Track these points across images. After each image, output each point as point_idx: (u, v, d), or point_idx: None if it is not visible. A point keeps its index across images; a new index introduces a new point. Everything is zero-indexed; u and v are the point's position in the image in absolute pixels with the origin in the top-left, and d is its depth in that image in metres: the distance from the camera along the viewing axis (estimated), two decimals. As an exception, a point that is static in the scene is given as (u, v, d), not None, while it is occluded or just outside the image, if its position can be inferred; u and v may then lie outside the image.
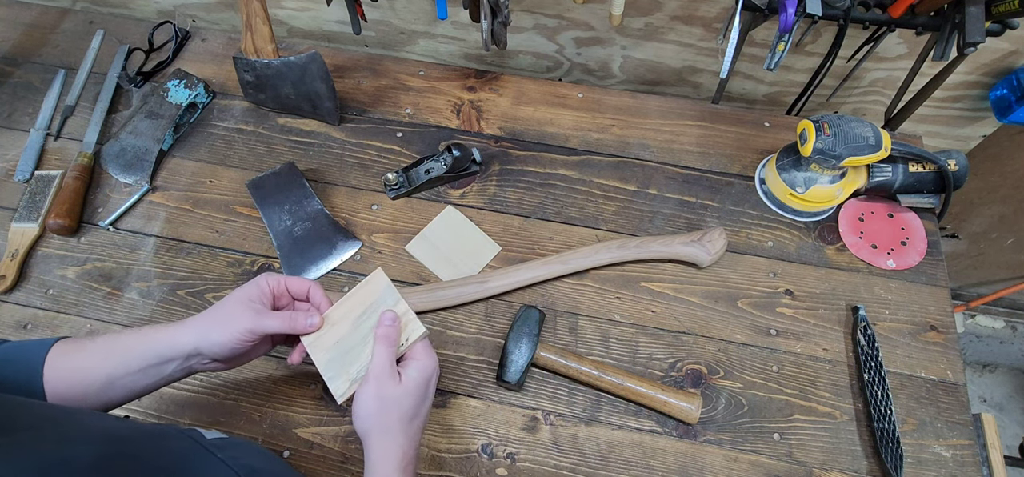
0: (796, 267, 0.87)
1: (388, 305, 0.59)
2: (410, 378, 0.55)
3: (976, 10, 0.79)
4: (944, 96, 1.05)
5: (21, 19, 1.13)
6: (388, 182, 0.91)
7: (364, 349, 0.58)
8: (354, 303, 0.60)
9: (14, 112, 1.01)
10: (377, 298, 0.60)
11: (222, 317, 0.57)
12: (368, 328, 0.58)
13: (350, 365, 0.57)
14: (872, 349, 0.78)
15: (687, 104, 1.03)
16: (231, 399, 0.76)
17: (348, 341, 0.58)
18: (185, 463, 0.46)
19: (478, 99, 1.03)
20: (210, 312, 0.58)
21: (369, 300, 0.60)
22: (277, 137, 0.99)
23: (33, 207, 0.89)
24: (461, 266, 0.85)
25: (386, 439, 0.53)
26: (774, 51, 0.86)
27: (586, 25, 1.06)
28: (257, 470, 0.50)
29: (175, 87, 0.98)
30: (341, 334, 0.58)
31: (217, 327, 0.56)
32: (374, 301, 0.60)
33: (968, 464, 0.74)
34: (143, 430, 0.50)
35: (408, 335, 0.58)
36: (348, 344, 0.58)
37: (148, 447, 0.45)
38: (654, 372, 0.79)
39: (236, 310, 0.57)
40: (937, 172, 0.86)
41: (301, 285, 0.61)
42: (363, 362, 0.57)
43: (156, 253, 0.87)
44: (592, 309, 0.83)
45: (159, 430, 0.51)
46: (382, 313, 0.58)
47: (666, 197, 0.93)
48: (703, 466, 0.73)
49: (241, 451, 0.52)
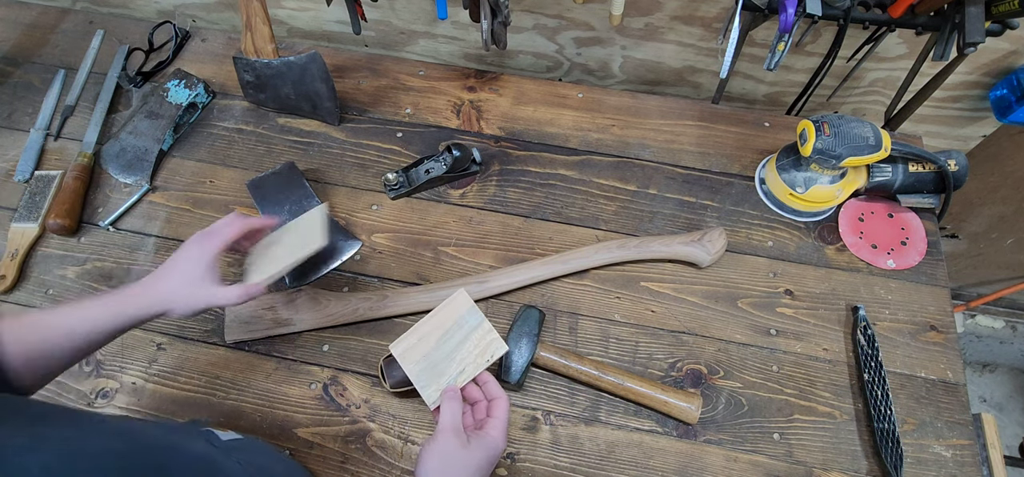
0: (796, 267, 0.87)
1: (471, 325, 0.64)
2: (479, 447, 0.56)
3: (976, 10, 0.79)
4: (944, 96, 1.05)
5: (21, 19, 1.13)
6: (388, 182, 0.91)
7: (450, 364, 0.62)
8: (439, 321, 0.65)
9: (14, 112, 1.01)
10: (460, 317, 0.65)
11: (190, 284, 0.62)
12: (453, 345, 0.63)
13: (439, 377, 0.62)
14: (872, 349, 0.78)
15: (687, 104, 1.03)
16: (231, 399, 0.76)
17: (434, 356, 0.63)
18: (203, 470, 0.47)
19: (478, 99, 1.03)
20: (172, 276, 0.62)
21: (452, 320, 0.64)
22: (277, 137, 0.99)
23: (33, 207, 0.89)
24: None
25: None
26: (774, 51, 0.86)
27: (586, 25, 1.06)
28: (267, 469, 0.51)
29: (175, 87, 0.98)
30: (428, 349, 0.63)
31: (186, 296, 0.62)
32: (457, 320, 0.64)
33: (968, 464, 0.74)
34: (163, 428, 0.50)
35: (492, 353, 0.63)
36: (435, 359, 0.63)
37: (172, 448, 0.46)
38: (654, 372, 0.79)
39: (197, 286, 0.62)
40: (937, 172, 0.86)
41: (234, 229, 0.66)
42: (450, 375, 0.62)
43: (156, 253, 0.87)
44: (592, 309, 0.83)
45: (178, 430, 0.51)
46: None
47: (666, 197, 0.93)
48: (703, 466, 0.73)
49: (254, 453, 0.52)
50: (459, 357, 0.62)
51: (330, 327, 0.81)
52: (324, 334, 0.81)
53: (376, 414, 0.76)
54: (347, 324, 0.81)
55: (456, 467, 0.55)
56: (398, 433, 0.75)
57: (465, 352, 0.63)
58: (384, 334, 0.81)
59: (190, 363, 0.79)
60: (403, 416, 0.76)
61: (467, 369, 0.62)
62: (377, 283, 0.85)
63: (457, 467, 0.55)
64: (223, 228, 0.66)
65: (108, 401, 0.76)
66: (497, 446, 0.57)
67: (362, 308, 0.80)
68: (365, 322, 0.82)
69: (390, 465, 0.73)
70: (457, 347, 0.63)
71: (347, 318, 0.80)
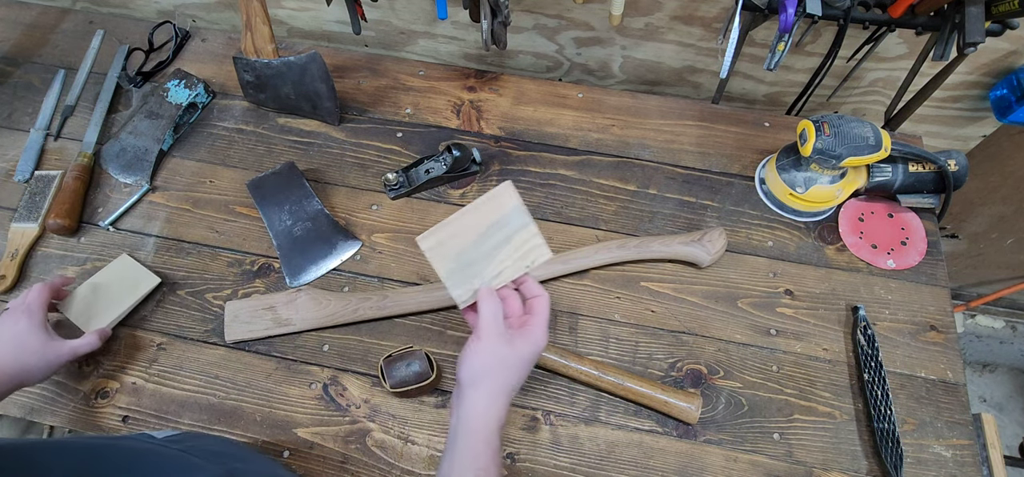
0: (796, 267, 0.87)
1: (515, 225, 0.56)
2: (522, 344, 0.54)
3: (976, 10, 0.79)
4: (944, 96, 1.05)
5: (21, 19, 1.13)
6: (388, 182, 0.91)
7: (488, 266, 0.56)
8: (480, 217, 0.57)
9: (14, 112, 1.01)
10: (503, 216, 0.57)
11: (32, 357, 0.65)
12: (492, 246, 0.56)
13: (473, 278, 0.56)
14: (872, 349, 0.78)
15: (687, 104, 1.03)
16: (231, 399, 0.76)
17: (470, 255, 0.56)
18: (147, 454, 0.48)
19: (478, 99, 1.03)
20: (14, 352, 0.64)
21: (494, 216, 0.57)
22: (277, 137, 0.99)
23: (33, 207, 0.89)
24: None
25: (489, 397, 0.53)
26: (774, 51, 0.86)
27: (586, 25, 1.06)
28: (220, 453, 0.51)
29: (175, 87, 0.98)
30: (463, 246, 0.56)
31: (34, 370, 0.65)
32: (499, 218, 0.57)
33: (968, 464, 0.74)
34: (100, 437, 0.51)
35: (534, 258, 0.57)
36: (470, 258, 0.56)
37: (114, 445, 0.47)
38: (654, 372, 0.79)
39: (45, 349, 0.65)
40: (937, 172, 0.86)
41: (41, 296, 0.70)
42: (486, 277, 0.56)
43: (156, 253, 0.87)
44: (592, 309, 0.83)
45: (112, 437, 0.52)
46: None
47: (666, 197, 0.93)
48: (703, 466, 0.73)
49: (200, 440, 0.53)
50: (498, 259, 0.56)
51: (330, 327, 0.81)
52: (324, 334, 0.81)
53: (376, 414, 0.76)
54: (347, 324, 0.81)
55: (502, 366, 0.53)
56: (398, 433, 0.75)
57: (504, 254, 0.56)
58: (384, 334, 0.81)
59: (190, 363, 0.79)
60: (403, 416, 0.76)
61: (504, 272, 0.56)
62: (377, 283, 0.85)
63: (503, 366, 0.53)
64: (36, 295, 0.70)
65: (108, 401, 0.76)
66: (539, 343, 0.55)
67: (362, 308, 0.80)
68: (365, 322, 0.82)
69: (390, 465, 0.73)
70: (497, 248, 0.56)
71: (347, 318, 0.80)
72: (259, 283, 0.85)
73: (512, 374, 0.54)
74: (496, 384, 0.53)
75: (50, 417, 0.75)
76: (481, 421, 0.52)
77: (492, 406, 0.52)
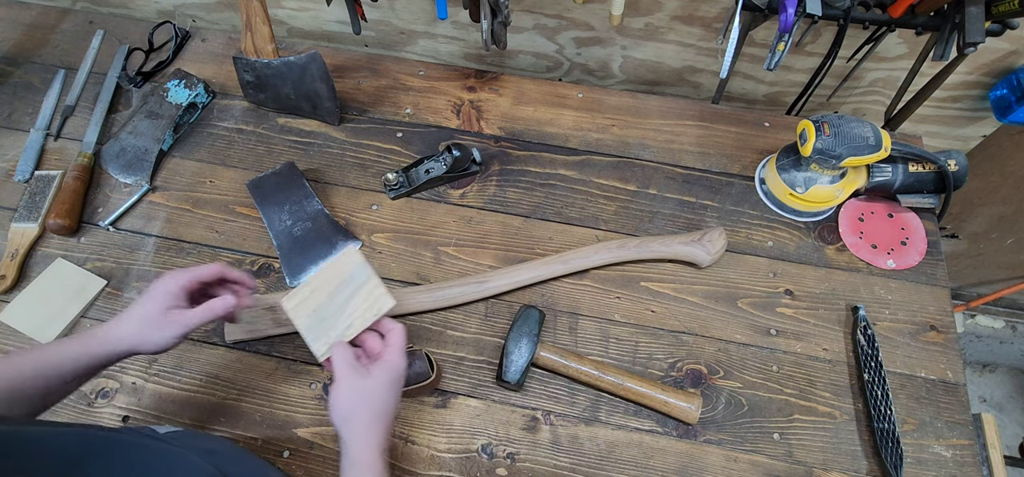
0: (796, 267, 0.87)
1: (359, 280, 0.64)
2: (379, 371, 0.59)
3: (976, 10, 0.79)
4: (944, 96, 1.05)
5: (21, 19, 1.13)
6: (388, 182, 0.91)
7: (340, 317, 0.63)
8: (329, 276, 0.65)
9: (14, 112, 1.01)
10: (350, 273, 0.65)
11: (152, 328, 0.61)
12: (343, 298, 0.64)
13: (329, 330, 0.63)
14: (872, 349, 0.78)
15: (687, 104, 1.03)
16: (231, 399, 0.76)
17: (325, 310, 0.63)
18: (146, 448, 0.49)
19: (478, 99, 1.03)
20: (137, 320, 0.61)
21: (343, 275, 0.64)
22: (277, 137, 0.99)
23: (33, 207, 0.89)
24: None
25: (362, 429, 0.57)
26: (774, 51, 0.86)
27: (586, 25, 1.06)
28: (216, 451, 0.52)
29: (175, 87, 0.98)
30: (318, 303, 0.64)
31: (152, 332, 0.61)
32: (347, 276, 0.64)
33: (968, 464, 0.74)
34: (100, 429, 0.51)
35: (380, 307, 0.63)
36: (325, 312, 0.63)
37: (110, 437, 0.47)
38: (654, 372, 0.79)
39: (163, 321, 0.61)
40: (937, 172, 0.86)
41: (210, 270, 0.66)
42: (340, 329, 0.63)
43: (156, 253, 0.87)
44: (592, 309, 0.83)
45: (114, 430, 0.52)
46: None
47: (666, 197, 0.93)
48: (703, 466, 0.73)
49: (196, 439, 0.54)
50: (348, 311, 0.63)
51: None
52: (324, 334, 0.81)
53: (376, 414, 0.76)
54: (347, 324, 0.81)
55: (364, 398, 0.58)
56: (398, 433, 0.75)
57: (353, 307, 0.63)
58: (384, 334, 0.81)
59: (190, 363, 0.79)
60: (403, 416, 0.76)
61: (355, 323, 0.63)
62: (377, 283, 0.85)
63: (365, 398, 0.58)
64: (198, 267, 0.65)
65: (108, 401, 0.76)
66: (396, 366, 0.60)
67: (362, 308, 0.80)
68: (365, 322, 0.82)
69: (390, 465, 0.73)
70: (346, 302, 0.63)
71: (347, 318, 0.80)
72: (259, 283, 0.85)
73: (376, 402, 0.58)
74: (365, 415, 0.57)
75: (49, 415, 0.75)
76: (363, 452, 0.56)
77: (368, 435, 0.57)
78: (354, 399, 0.58)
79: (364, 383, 0.58)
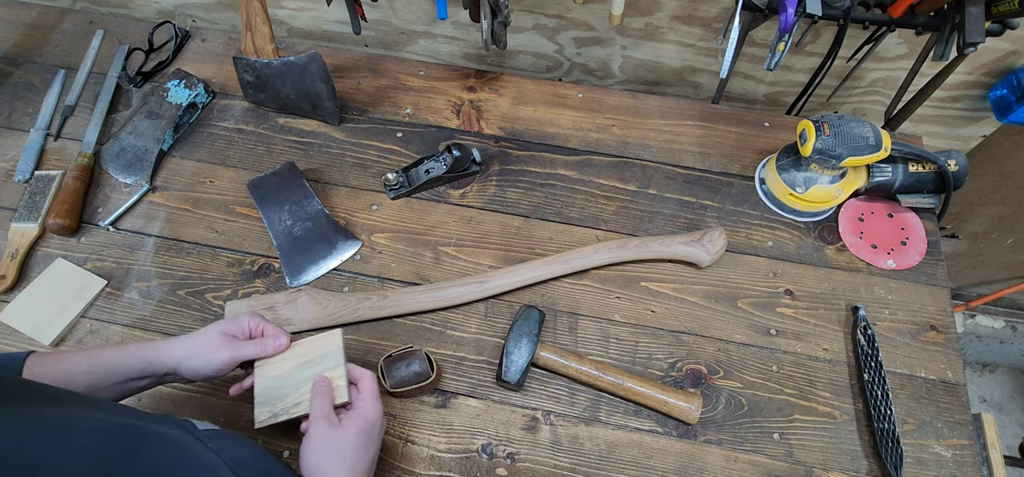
0: (796, 267, 0.87)
1: (328, 364, 0.62)
2: (351, 422, 0.58)
3: (976, 10, 0.79)
4: (944, 96, 1.05)
5: (21, 19, 1.13)
6: (388, 182, 0.91)
7: (295, 393, 0.61)
8: (304, 349, 0.64)
9: (14, 112, 1.01)
10: (323, 354, 0.63)
11: (204, 347, 0.61)
12: (306, 377, 0.62)
13: (277, 401, 0.62)
14: (872, 349, 0.78)
15: (687, 104, 1.03)
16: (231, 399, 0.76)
17: (285, 380, 0.62)
18: (180, 448, 0.48)
19: (478, 99, 1.03)
20: (191, 338, 0.62)
21: (317, 353, 0.63)
22: (277, 137, 0.99)
23: (33, 207, 0.89)
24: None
25: None
26: (774, 51, 0.86)
27: (586, 25, 1.06)
28: (245, 462, 0.51)
29: (175, 87, 0.98)
30: (283, 371, 0.63)
31: (198, 356, 0.60)
32: (320, 355, 0.63)
33: (968, 464, 0.74)
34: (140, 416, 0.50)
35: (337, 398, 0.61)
36: (284, 382, 0.62)
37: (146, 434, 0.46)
38: (654, 372, 0.79)
39: (218, 342, 0.61)
40: (937, 172, 0.86)
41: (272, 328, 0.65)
42: (287, 404, 0.61)
43: (156, 253, 0.87)
44: (592, 309, 0.83)
45: (155, 418, 0.52)
46: (316, 379, 0.61)
47: (666, 197, 0.93)
48: (703, 466, 0.73)
49: (231, 443, 0.53)
50: (304, 389, 0.61)
51: (330, 327, 0.81)
52: (324, 334, 0.81)
53: (376, 414, 0.76)
54: (347, 324, 0.81)
55: (337, 449, 0.56)
56: (398, 433, 0.75)
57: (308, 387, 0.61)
58: (384, 334, 0.81)
59: (190, 363, 0.79)
60: (403, 416, 0.76)
61: (303, 403, 0.60)
62: (377, 283, 0.85)
63: (338, 449, 0.56)
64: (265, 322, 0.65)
65: (108, 401, 0.76)
66: (369, 415, 0.58)
67: (362, 308, 0.80)
68: (365, 322, 0.82)
69: (390, 465, 0.73)
70: (306, 380, 0.62)
71: (347, 318, 0.80)
72: (259, 283, 0.85)
73: (347, 455, 0.56)
74: (338, 467, 0.55)
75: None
76: None
77: None
78: (323, 452, 0.55)
79: (335, 435, 0.56)
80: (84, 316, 0.82)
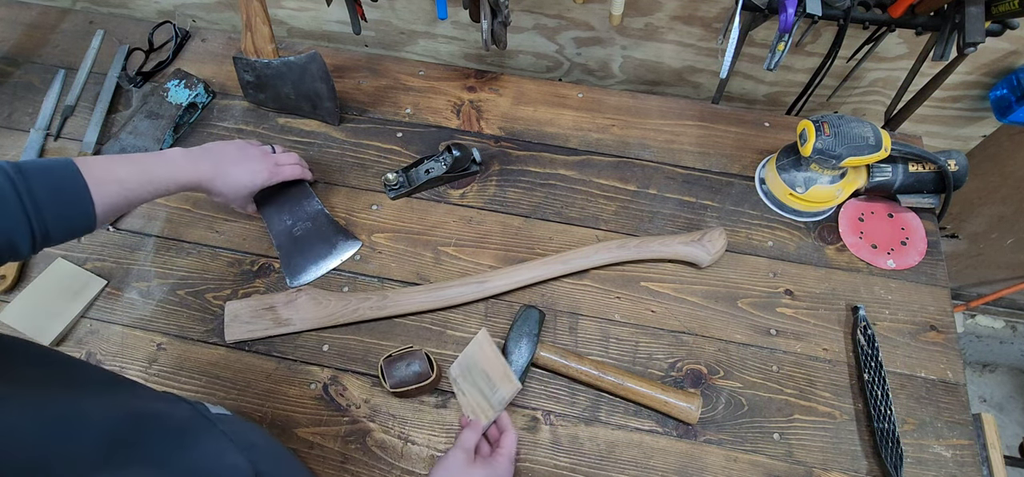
0: (796, 267, 0.87)
1: (496, 398, 0.70)
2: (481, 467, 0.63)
3: (976, 10, 0.79)
4: (944, 96, 1.05)
5: (21, 19, 1.13)
6: (388, 182, 0.91)
7: (472, 386, 0.73)
8: (499, 365, 0.71)
9: (14, 112, 1.01)
10: (499, 383, 0.71)
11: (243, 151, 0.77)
12: (485, 385, 0.72)
13: (466, 377, 0.74)
14: (872, 349, 0.78)
15: (687, 104, 1.03)
16: (231, 399, 0.76)
17: (475, 370, 0.73)
18: (191, 431, 0.48)
19: (478, 99, 1.03)
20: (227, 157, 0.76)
21: (499, 379, 0.71)
22: (277, 137, 0.99)
23: (33, 207, 0.89)
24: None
25: None
26: (774, 51, 0.86)
27: (586, 25, 1.06)
28: (256, 445, 0.52)
29: (175, 87, 0.98)
30: (483, 358, 0.73)
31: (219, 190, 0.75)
32: (499, 383, 0.71)
33: (968, 464, 0.74)
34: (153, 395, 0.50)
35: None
36: (474, 369, 0.73)
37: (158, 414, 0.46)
38: (654, 372, 0.79)
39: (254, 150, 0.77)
40: (937, 172, 0.86)
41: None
42: (465, 385, 0.74)
43: (156, 253, 0.87)
44: (592, 309, 0.83)
45: (167, 399, 0.52)
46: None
47: (666, 197, 0.93)
48: (703, 466, 0.73)
49: (243, 427, 0.53)
50: (479, 388, 0.72)
51: (330, 327, 0.81)
52: (324, 334, 0.81)
53: (376, 414, 0.76)
54: (347, 324, 0.81)
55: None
56: (398, 433, 0.75)
57: (477, 392, 0.72)
58: (384, 334, 0.81)
59: (190, 363, 0.79)
60: (403, 416, 0.76)
61: (469, 397, 0.72)
62: (377, 283, 0.85)
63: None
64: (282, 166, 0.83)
65: (108, 401, 0.76)
66: (500, 471, 0.63)
67: (362, 308, 0.80)
68: (365, 322, 0.82)
69: (390, 465, 0.73)
70: (484, 386, 0.72)
71: (347, 318, 0.80)
72: (259, 283, 0.85)
73: None
74: None
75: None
76: None
77: None
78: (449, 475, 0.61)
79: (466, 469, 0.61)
80: (84, 316, 0.82)
